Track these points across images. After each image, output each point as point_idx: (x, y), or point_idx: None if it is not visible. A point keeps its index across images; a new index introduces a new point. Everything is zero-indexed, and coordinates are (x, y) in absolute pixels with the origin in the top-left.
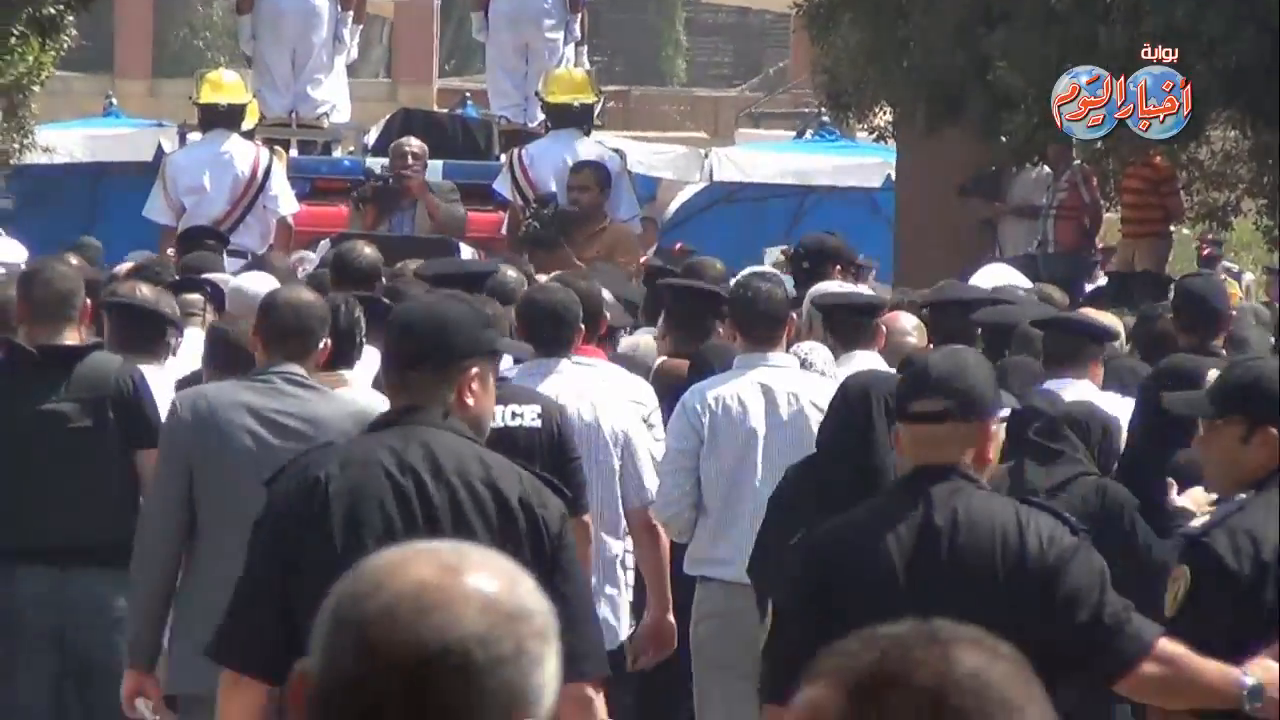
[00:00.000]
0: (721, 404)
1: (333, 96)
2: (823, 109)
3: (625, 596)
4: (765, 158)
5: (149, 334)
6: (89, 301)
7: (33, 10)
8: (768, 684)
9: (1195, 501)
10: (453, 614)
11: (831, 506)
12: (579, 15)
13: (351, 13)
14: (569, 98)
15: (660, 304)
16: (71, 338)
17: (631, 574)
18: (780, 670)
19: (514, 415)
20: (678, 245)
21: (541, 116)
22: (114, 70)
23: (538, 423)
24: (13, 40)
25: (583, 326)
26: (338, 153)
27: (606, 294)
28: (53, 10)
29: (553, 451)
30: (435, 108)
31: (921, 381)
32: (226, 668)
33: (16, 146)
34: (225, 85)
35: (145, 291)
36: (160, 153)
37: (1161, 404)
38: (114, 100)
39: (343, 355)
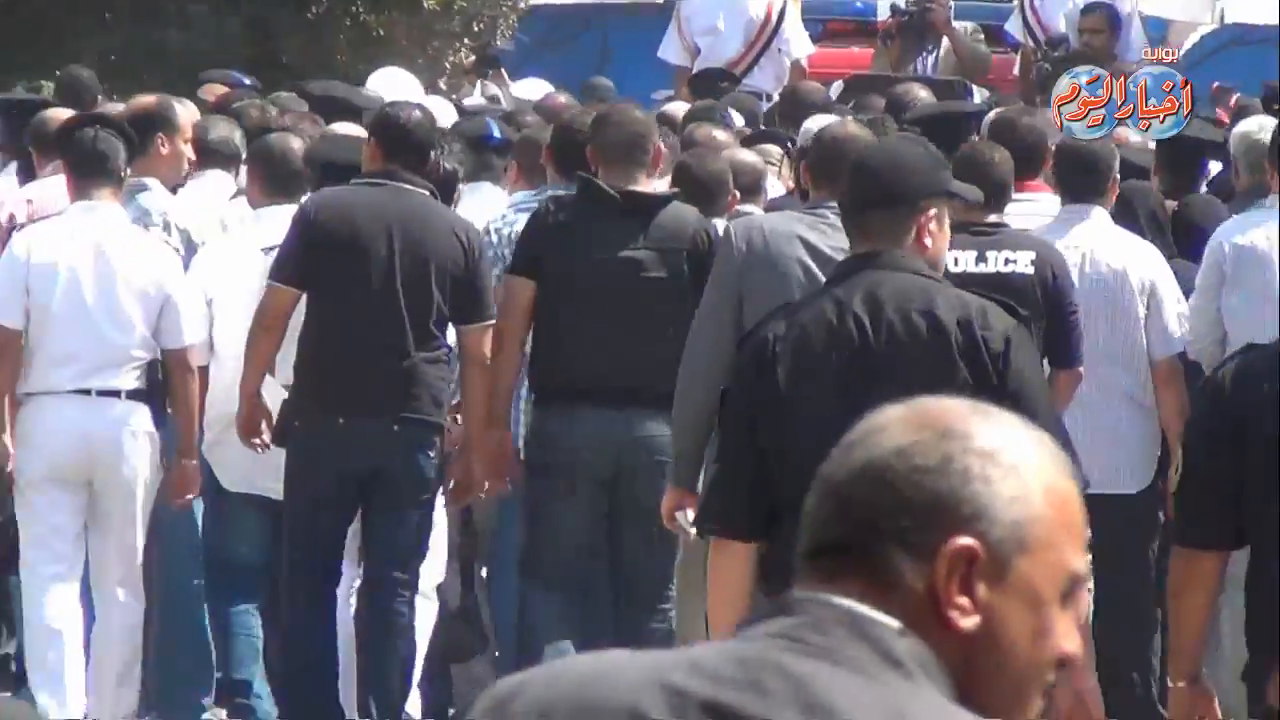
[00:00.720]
0: (1249, 242)
1: None
2: None
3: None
4: None
5: None
6: (661, 146)
7: None
8: (1180, 526)
9: None
10: (883, 435)
11: None
12: None
13: None
14: None
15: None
16: (643, 183)
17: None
18: (1190, 513)
19: (1007, 261)
20: (1214, 85)
21: None
22: None
23: (1030, 269)
24: None
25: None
26: None
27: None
28: None
29: (1046, 300)
30: None
31: None
32: (712, 536)
33: None
34: None
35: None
36: None
37: None
38: None
39: None
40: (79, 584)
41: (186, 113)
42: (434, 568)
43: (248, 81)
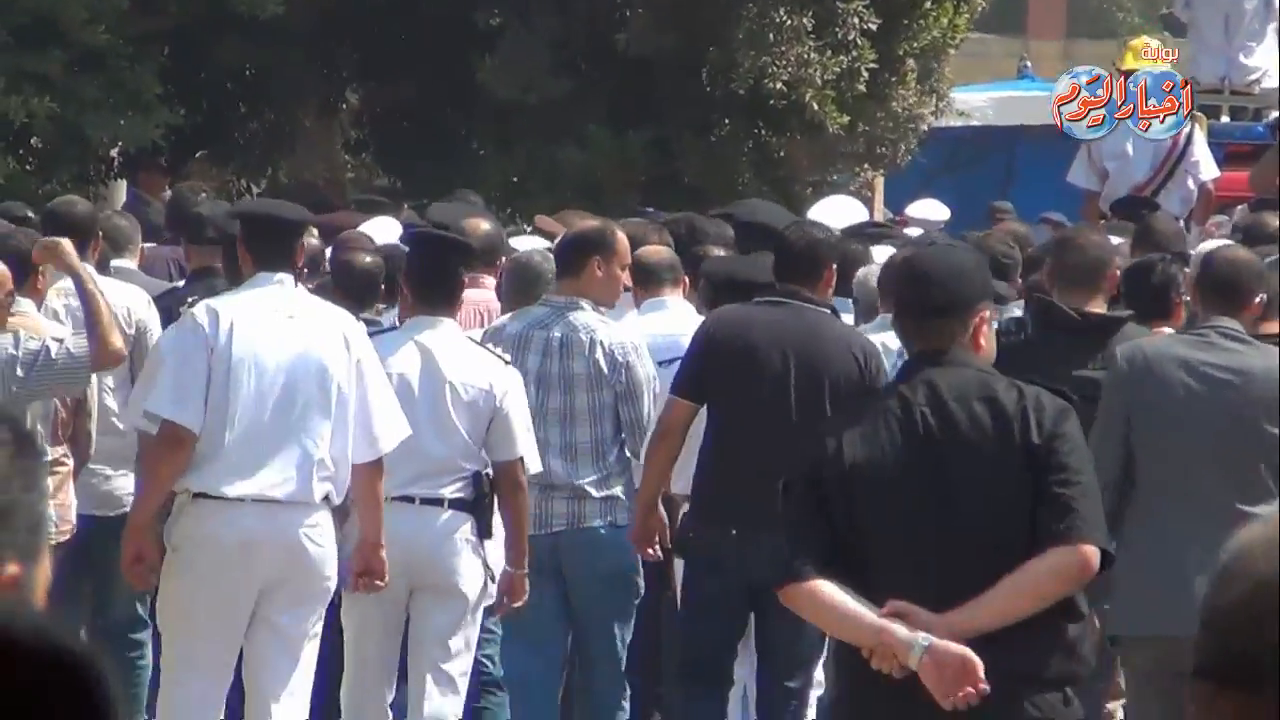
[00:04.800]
0: None
1: (1265, 62)
2: None
3: None
4: None
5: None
6: (1117, 270)
7: None
8: None
9: None
10: (1253, 565)
11: None
12: None
13: None
14: None
15: None
16: (1100, 305)
17: None
18: None
19: None
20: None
21: None
22: (1026, 32)
23: None
24: (928, 4)
25: None
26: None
27: None
28: None
29: None
30: None
31: None
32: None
33: (931, 110)
34: (1151, 52)
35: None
36: None
37: None
38: (1028, 63)
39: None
40: (391, 688)
41: (624, 240)
42: None
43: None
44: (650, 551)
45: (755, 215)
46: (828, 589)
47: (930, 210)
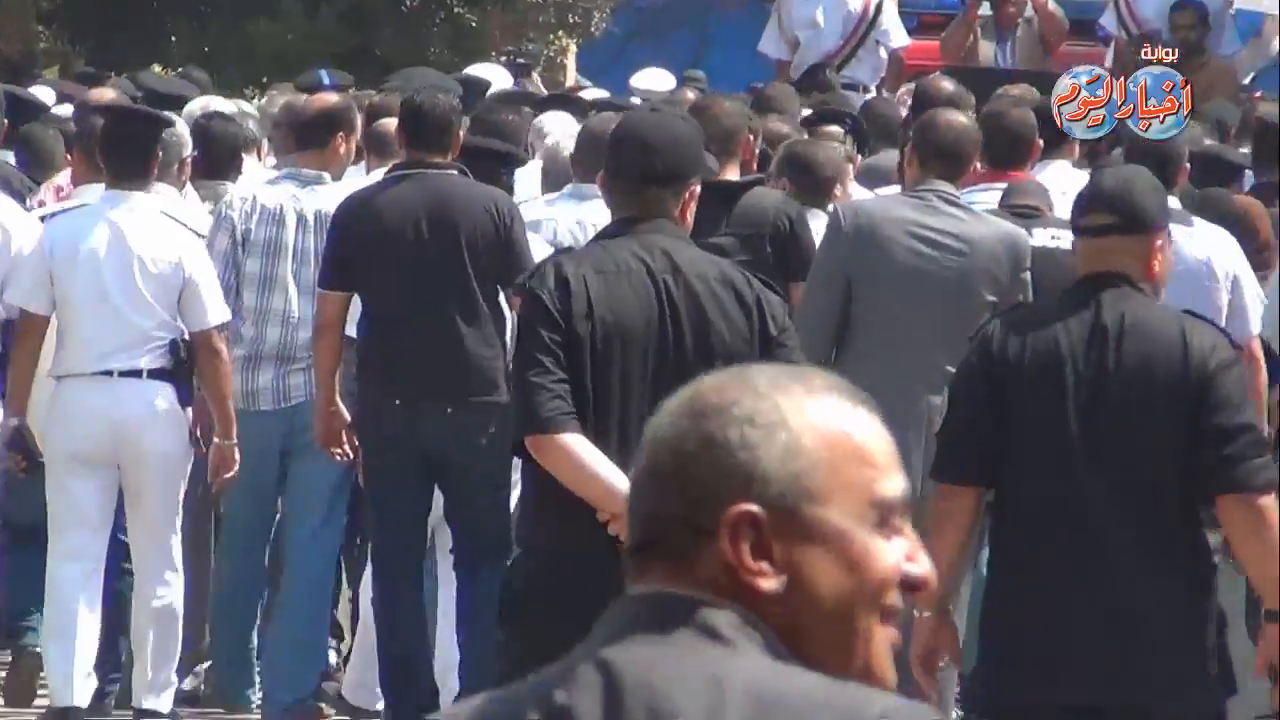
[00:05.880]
0: None
1: None
2: None
3: None
4: None
5: None
6: (750, 136)
7: None
8: (937, 463)
9: None
10: (656, 433)
11: None
12: None
13: None
14: None
15: None
16: (733, 172)
17: None
18: (948, 450)
19: (1053, 237)
20: None
21: None
22: None
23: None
24: None
25: None
26: None
27: None
28: None
29: None
30: None
31: (1092, 197)
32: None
33: None
34: None
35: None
36: None
37: None
38: None
39: None
40: (100, 565)
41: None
42: None
43: (327, 81)
44: (338, 453)
45: (410, 82)
46: (582, 445)
47: (655, 80)
